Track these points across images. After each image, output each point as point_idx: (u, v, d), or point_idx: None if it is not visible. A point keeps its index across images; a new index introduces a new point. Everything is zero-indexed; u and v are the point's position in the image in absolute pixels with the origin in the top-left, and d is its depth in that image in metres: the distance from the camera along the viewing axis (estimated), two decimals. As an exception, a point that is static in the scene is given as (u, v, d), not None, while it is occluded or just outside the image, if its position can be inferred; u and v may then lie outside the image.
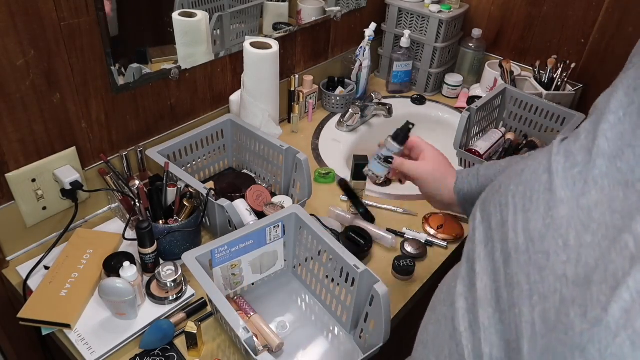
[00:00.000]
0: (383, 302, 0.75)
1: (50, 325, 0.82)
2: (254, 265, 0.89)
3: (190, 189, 0.97)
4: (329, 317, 0.89)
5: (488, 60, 1.61)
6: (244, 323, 0.70)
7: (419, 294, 0.98)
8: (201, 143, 1.13)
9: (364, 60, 1.46)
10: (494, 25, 1.60)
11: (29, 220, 0.95)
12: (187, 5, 1.05)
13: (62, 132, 0.94)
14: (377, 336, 0.78)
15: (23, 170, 0.90)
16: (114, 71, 0.96)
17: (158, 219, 0.96)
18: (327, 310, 0.90)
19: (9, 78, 0.82)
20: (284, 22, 1.31)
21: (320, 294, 0.91)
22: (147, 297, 0.89)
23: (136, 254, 0.92)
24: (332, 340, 0.86)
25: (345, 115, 1.41)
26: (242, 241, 0.84)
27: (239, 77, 1.23)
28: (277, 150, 1.07)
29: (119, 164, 1.04)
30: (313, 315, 0.90)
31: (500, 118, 1.38)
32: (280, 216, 0.88)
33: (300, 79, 1.41)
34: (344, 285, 0.83)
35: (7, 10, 0.77)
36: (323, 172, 1.22)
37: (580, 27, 1.43)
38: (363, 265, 0.78)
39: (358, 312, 0.83)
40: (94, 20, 0.89)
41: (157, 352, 0.82)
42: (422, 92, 1.64)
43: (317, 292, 0.91)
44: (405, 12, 1.57)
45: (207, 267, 0.81)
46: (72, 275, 0.89)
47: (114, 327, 0.84)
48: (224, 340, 0.85)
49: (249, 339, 0.68)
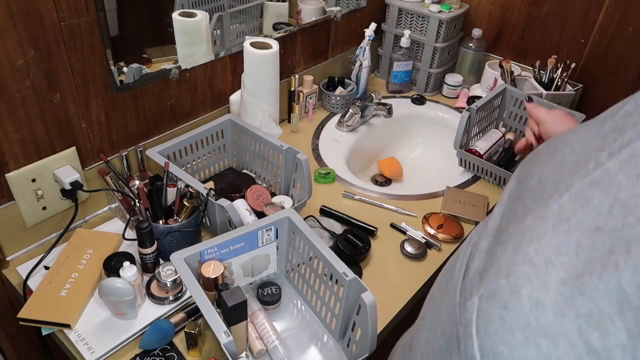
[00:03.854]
0: (369, 312, 0.73)
1: (50, 325, 0.82)
2: (245, 268, 0.88)
3: (190, 189, 0.97)
4: (319, 325, 0.88)
5: (488, 60, 1.61)
6: (225, 327, 0.69)
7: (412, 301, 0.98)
8: (201, 143, 1.13)
9: (364, 60, 1.46)
10: (494, 25, 1.60)
11: (29, 220, 0.95)
12: (187, 5, 1.05)
13: (62, 132, 0.94)
14: (364, 346, 0.77)
15: (23, 170, 0.90)
16: (114, 71, 0.96)
17: (158, 219, 0.96)
18: (317, 317, 0.89)
19: (9, 78, 0.82)
20: (284, 22, 1.31)
21: (311, 300, 0.90)
22: (147, 297, 0.89)
23: (136, 254, 0.92)
24: (320, 348, 0.85)
25: (345, 115, 1.41)
26: (233, 243, 0.83)
27: (239, 77, 1.23)
28: (277, 150, 1.07)
29: (119, 164, 1.04)
30: (304, 322, 0.89)
31: (500, 118, 1.38)
32: (272, 220, 0.87)
33: (300, 79, 1.41)
34: (333, 292, 0.82)
35: (7, 10, 0.77)
36: (323, 172, 1.22)
37: (580, 27, 1.43)
38: (352, 273, 0.76)
39: (346, 320, 0.82)
40: (94, 20, 0.89)
41: (157, 352, 0.82)
42: (422, 92, 1.64)
43: (309, 298, 0.90)
44: (405, 12, 1.57)
45: (196, 269, 0.80)
46: (72, 275, 0.89)
47: (114, 327, 0.84)
48: (224, 340, 0.85)
49: (228, 343, 0.67)
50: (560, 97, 1.38)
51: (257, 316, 0.85)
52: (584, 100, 1.48)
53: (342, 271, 0.77)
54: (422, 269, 1.02)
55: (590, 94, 1.48)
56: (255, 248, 0.87)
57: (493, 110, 1.34)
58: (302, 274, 0.89)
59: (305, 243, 0.85)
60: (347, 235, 1.02)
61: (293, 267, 0.92)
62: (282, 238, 0.90)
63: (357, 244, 1.00)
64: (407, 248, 1.04)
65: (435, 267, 1.02)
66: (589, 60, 1.45)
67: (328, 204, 1.13)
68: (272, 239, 0.88)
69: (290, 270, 0.93)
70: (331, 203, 1.14)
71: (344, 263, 0.79)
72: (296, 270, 0.91)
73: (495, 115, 1.37)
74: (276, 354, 0.80)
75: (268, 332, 0.83)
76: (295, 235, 0.87)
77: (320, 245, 0.82)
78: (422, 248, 1.04)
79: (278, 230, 0.88)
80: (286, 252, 0.92)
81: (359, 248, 1.00)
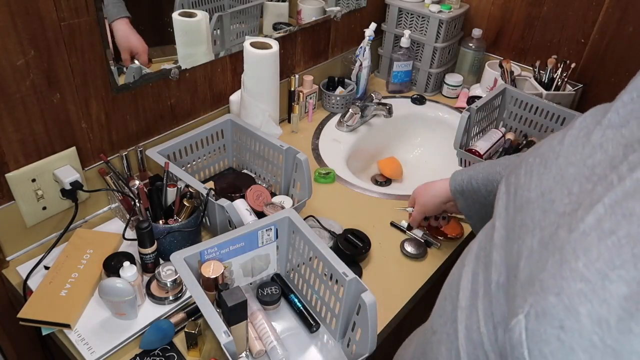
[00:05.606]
0: (369, 312, 0.73)
1: (50, 325, 0.82)
2: (245, 268, 0.88)
3: (190, 189, 0.97)
4: (319, 324, 0.88)
5: (488, 60, 1.61)
6: (225, 327, 0.69)
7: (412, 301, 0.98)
8: (201, 143, 1.13)
9: (364, 60, 1.46)
10: (494, 25, 1.60)
11: (29, 220, 0.95)
12: (187, 5, 1.05)
13: (62, 132, 0.94)
14: (364, 346, 0.77)
15: (23, 170, 0.90)
16: (114, 71, 0.96)
17: (158, 219, 0.96)
18: (317, 316, 0.89)
19: (9, 78, 0.82)
20: (284, 22, 1.31)
21: (311, 300, 0.90)
22: (147, 297, 0.89)
23: (136, 254, 0.92)
24: (320, 348, 0.85)
25: (345, 115, 1.41)
26: (233, 243, 0.83)
27: (239, 77, 1.23)
28: (277, 150, 1.07)
29: (119, 164, 1.04)
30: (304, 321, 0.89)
31: (500, 118, 1.38)
32: (273, 220, 0.87)
33: (300, 79, 1.41)
34: (333, 292, 0.82)
35: (7, 10, 0.77)
36: (323, 172, 1.22)
37: (580, 27, 1.43)
38: (352, 273, 0.76)
39: (346, 320, 0.82)
40: (94, 20, 0.89)
41: (157, 352, 0.82)
42: (422, 92, 1.64)
43: (309, 298, 0.90)
44: (405, 12, 1.57)
45: (196, 269, 0.80)
46: (72, 275, 0.89)
47: (114, 327, 0.84)
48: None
49: (228, 343, 0.67)
50: (560, 97, 1.38)
51: (257, 316, 0.85)
52: (584, 100, 1.48)
53: (342, 271, 0.77)
54: (422, 269, 1.02)
55: (590, 94, 1.48)
56: (255, 248, 0.87)
57: (493, 110, 1.34)
58: (302, 274, 0.89)
59: (305, 243, 0.85)
60: (347, 235, 1.02)
61: (293, 267, 0.92)
62: (282, 238, 0.89)
63: (357, 244, 1.00)
64: (407, 248, 1.04)
65: (435, 267, 1.02)
66: (589, 60, 1.45)
67: (328, 203, 1.13)
68: (272, 239, 0.88)
69: (290, 270, 0.93)
70: (331, 203, 1.14)
71: (344, 263, 0.79)
72: (296, 270, 0.91)
73: (495, 115, 1.37)
74: (275, 354, 0.80)
75: (267, 332, 0.83)
76: (295, 235, 0.87)
77: (320, 245, 0.81)
78: (422, 248, 1.04)
79: (278, 230, 0.88)
80: (286, 252, 0.92)
81: (359, 248, 1.00)
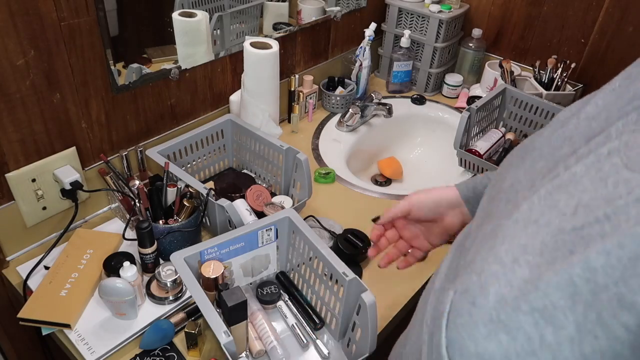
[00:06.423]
0: (369, 312, 0.73)
1: (50, 325, 0.82)
2: (245, 268, 0.88)
3: (190, 189, 0.97)
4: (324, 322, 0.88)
5: (488, 60, 1.61)
6: (225, 327, 0.69)
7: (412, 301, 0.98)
8: (201, 143, 1.13)
9: (364, 60, 1.46)
10: (494, 25, 1.60)
11: (29, 220, 0.95)
12: (187, 5, 1.05)
13: (62, 132, 0.94)
14: (364, 346, 0.77)
15: (23, 170, 0.90)
16: (114, 71, 0.96)
17: (158, 219, 0.96)
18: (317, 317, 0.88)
19: (9, 78, 0.82)
20: (284, 22, 1.31)
21: (311, 300, 0.90)
22: (147, 297, 0.89)
23: (136, 254, 0.92)
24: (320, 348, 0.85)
25: (345, 115, 1.41)
26: (233, 243, 0.83)
27: (239, 77, 1.23)
28: (277, 150, 1.07)
29: (119, 164, 1.04)
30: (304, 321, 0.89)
31: (500, 118, 1.38)
32: (273, 220, 0.87)
33: (300, 79, 1.41)
34: (333, 292, 0.82)
35: (7, 10, 0.77)
36: (323, 172, 1.22)
37: (580, 27, 1.43)
38: (352, 273, 0.76)
39: (346, 320, 0.82)
40: (94, 20, 0.89)
41: (157, 352, 0.82)
42: (422, 92, 1.64)
43: (309, 297, 0.90)
44: (405, 12, 1.57)
45: (196, 269, 0.80)
46: (72, 275, 0.89)
47: (114, 327, 0.84)
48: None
49: (228, 343, 0.67)
50: (560, 97, 1.38)
51: (257, 316, 0.85)
52: (584, 100, 1.48)
53: (342, 271, 0.77)
54: (422, 269, 1.01)
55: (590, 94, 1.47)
56: (255, 248, 0.87)
57: (493, 110, 1.34)
58: (302, 274, 0.89)
59: (305, 243, 0.85)
60: (347, 235, 1.02)
61: (293, 267, 0.92)
62: (282, 238, 0.90)
63: (357, 244, 1.00)
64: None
65: (435, 267, 1.02)
66: (589, 60, 1.45)
67: (328, 203, 1.13)
68: (272, 239, 0.88)
69: (291, 270, 0.93)
70: (331, 203, 1.14)
71: (344, 263, 0.79)
72: (296, 270, 0.91)
73: (495, 115, 1.37)
74: (275, 354, 0.80)
75: (267, 332, 0.83)
76: (295, 235, 0.87)
77: (320, 245, 0.82)
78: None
79: (278, 230, 0.88)
80: (286, 252, 0.92)
81: (359, 248, 1.00)
